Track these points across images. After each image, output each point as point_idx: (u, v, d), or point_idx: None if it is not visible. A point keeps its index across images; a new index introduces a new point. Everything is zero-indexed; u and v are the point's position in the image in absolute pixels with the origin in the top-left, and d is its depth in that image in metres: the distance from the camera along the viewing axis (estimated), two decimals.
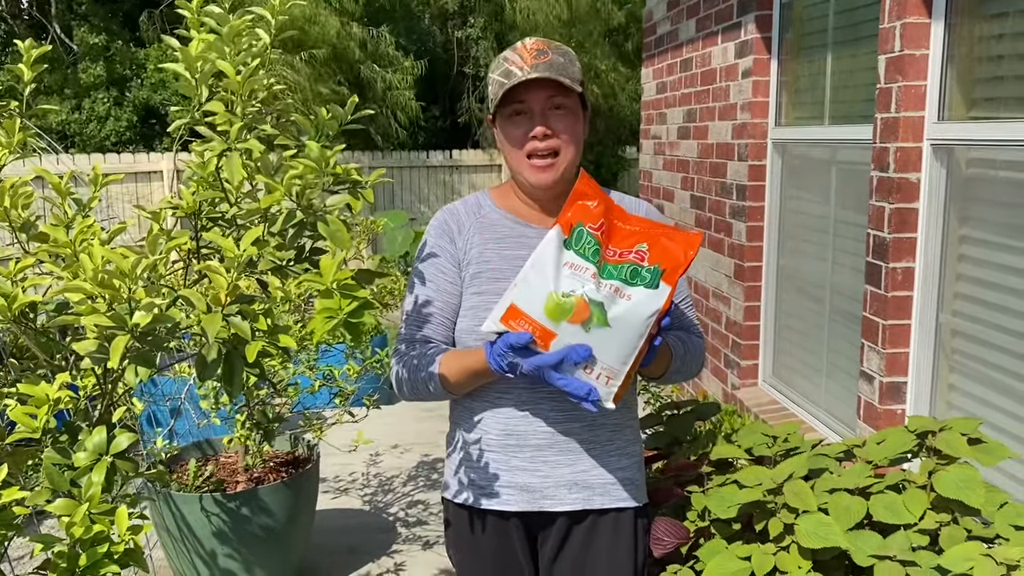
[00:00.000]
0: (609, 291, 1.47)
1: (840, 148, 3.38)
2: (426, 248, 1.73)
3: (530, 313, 1.48)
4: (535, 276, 1.50)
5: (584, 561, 1.72)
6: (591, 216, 1.53)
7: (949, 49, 2.64)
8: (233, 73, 1.45)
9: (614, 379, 1.49)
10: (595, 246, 1.50)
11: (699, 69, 4.58)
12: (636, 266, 1.49)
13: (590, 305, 1.46)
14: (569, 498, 1.70)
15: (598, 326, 1.46)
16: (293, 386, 3.28)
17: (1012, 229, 2.45)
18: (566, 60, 1.63)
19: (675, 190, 5.04)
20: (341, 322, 1.35)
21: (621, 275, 1.49)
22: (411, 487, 4.20)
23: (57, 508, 1.28)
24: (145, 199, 8.47)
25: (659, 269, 1.49)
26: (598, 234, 1.51)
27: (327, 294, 1.34)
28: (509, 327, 1.50)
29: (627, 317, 1.46)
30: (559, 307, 1.47)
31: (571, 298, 1.47)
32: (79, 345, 1.26)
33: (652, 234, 1.54)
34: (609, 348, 1.47)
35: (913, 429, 1.87)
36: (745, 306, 4.09)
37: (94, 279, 1.21)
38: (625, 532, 1.73)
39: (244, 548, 2.99)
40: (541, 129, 1.61)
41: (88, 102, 10.80)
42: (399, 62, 10.48)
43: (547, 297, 1.47)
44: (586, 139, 1.71)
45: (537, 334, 1.47)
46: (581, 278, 1.48)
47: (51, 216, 1.46)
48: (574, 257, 1.50)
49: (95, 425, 1.43)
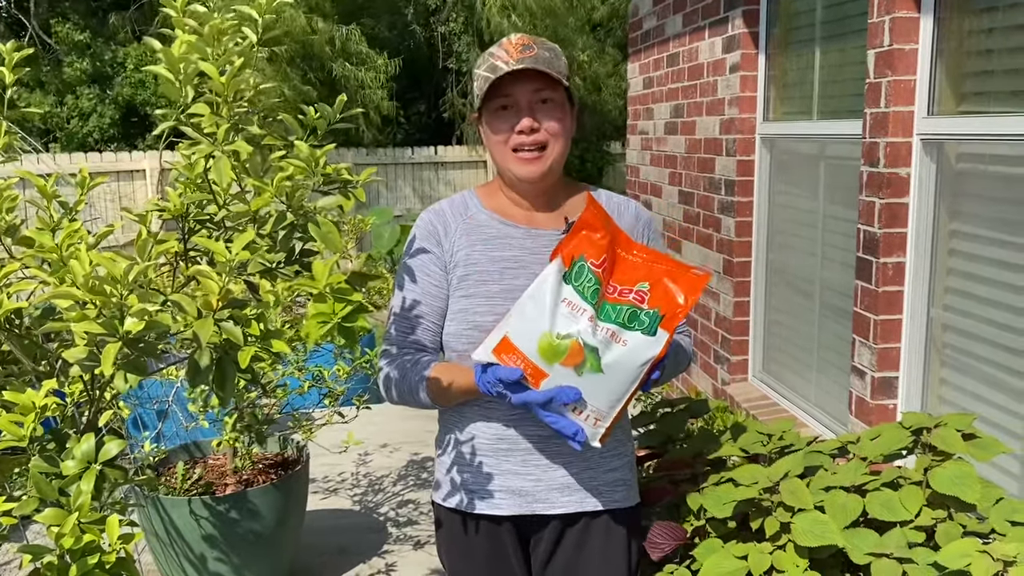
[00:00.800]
0: (605, 336, 1.45)
1: (829, 143, 3.38)
2: (412, 249, 1.70)
3: (523, 349, 1.45)
4: (532, 309, 1.47)
5: (577, 563, 1.71)
6: (595, 250, 1.49)
7: (938, 43, 2.64)
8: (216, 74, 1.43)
9: (602, 421, 1.47)
10: (595, 285, 1.47)
11: (686, 64, 4.57)
12: (635, 308, 1.46)
13: (584, 350, 1.43)
14: (562, 501, 1.68)
15: (591, 371, 1.44)
16: (282, 387, 3.25)
17: (1002, 224, 2.46)
18: (552, 55, 1.61)
19: (663, 185, 5.04)
20: (335, 326, 1.33)
21: (619, 317, 1.46)
22: (401, 486, 4.18)
23: (46, 518, 1.25)
24: (128, 198, 8.39)
25: (659, 314, 1.46)
26: (599, 271, 1.48)
27: (321, 298, 1.32)
28: (500, 360, 1.47)
29: (621, 363, 1.44)
30: (553, 348, 1.44)
31: (566, 341, 1.44)
32: (69, 353, 1.24)
33: (656, 271, 1.50)
34: (600, 393, 1.45)
35: (908, 425, 1.87)
36: (734, 302, 4.09)
37: (85, 285, 1.18)
38: (618, 533, 1.72)
39: (233, 551, 2.96)
40: (528, 122, 1.59)
41: (72, 98, 10.69)
42: (372, 60, 10.37)
43: (541, 336, 1.44)
44: (573, 135, 1.70)
45: (528, 371, 1.45)
46: (578, 319, 1.45)
47: (36, 219, 1.44)
48: (572, 294, 1.47)
49: (83, 432, 1.40)
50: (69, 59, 10.79)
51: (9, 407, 1.32)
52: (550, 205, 1.71)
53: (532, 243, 1.67)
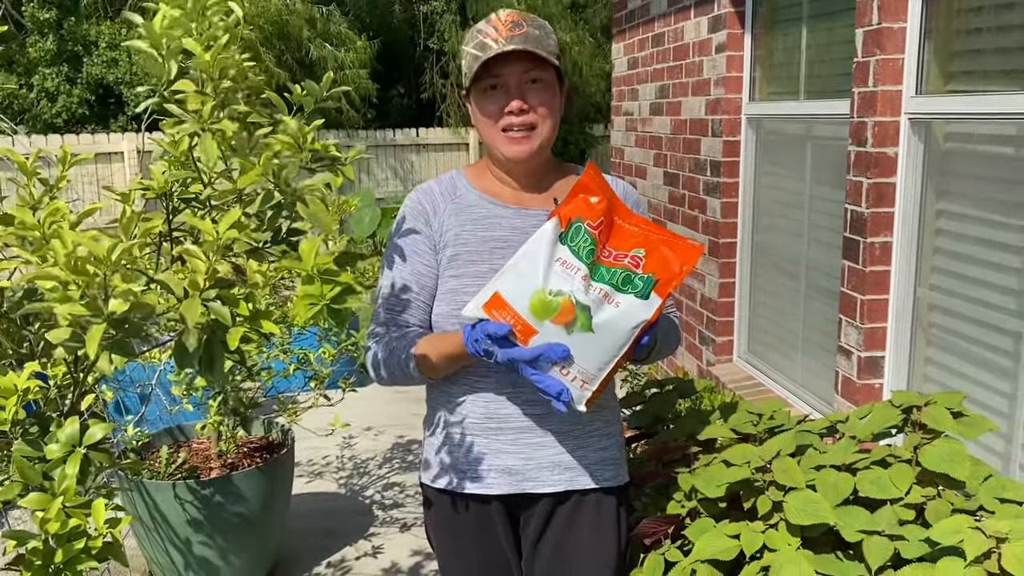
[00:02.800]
0: (598, 295, 1.44)
1: (816, 123, 3.38)
2: (401, 230, 1.69)
3: (514, 306, 1.44)
4: (525, 267, 1.46)
5: (567, 542, 1.71)
6: (592, 212, 1.48)
7: (927, 22, 2.63)
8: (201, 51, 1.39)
9: (589, 384, 1.46)
10: (591, 245, 1.46)
11: (671, 44, 4.54)
12: (630, 272, 1.46)
13: (576, 308, 1.42)
14: (552, 480, 1.68)
15: (581, 330, 1.42)
16: (267, 370, 3.22)
17: (989, 202, 2.46)
18: (542, 33, 1.59)
19: (647, 167, 5.02)
20: (323, 308, 1.30)
21: (613, 279, 1.46)
22: (386, 469, 4.16)
23: (30, 503, 1.22)
24: (106, 180, 8.28)
25: (653, 279, 1.45)
26: (596, 233, 1.47)
27: (309, 280, 1.29)
28: (491, 316, 1.45)
29: (612, 325, 1.43)
30: (545, 305, 1.43)
31: (558, 298, 1.43)
32: (52, 334, 1.21)
33: (652, 239, 1.50)
34: (589, 353, 1.44)
35: (898, 404, 1.87)
36: (720, 283, 4.09)
37: (67, 265, 1.15)
38: (608, 512, 1.72)
39: (219, 535, 2.94)
40: (517, 103, 1.57)
41: (38, 78, 10.48)
42: (352, 40, 10.25)
43: (534, 293, 1.44)
44: (563, 114, 1.68)
45: (518, 328, 1.44)
46: (571, 278, 1.44)
47: (16, 198, 1.40)
48: (567, 254, 1.46)
49: (67, 415, 1.37)
50: (32, 39, 10.57)
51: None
52: (539, 185, 1.70)
53: (521, 223, 1.65)
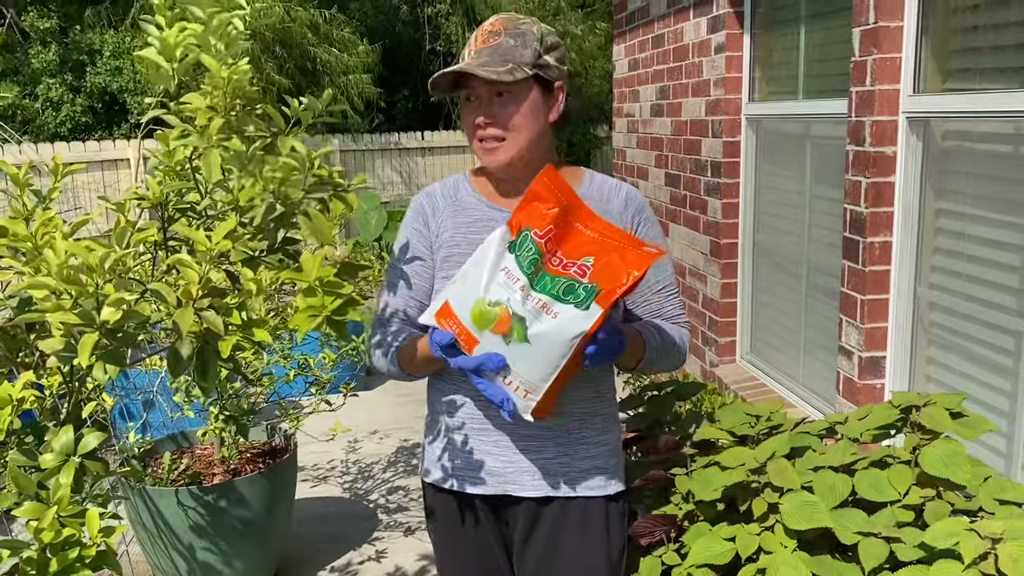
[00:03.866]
0: (535, 306, 1.43)
1: (815, 123, 3.37)
2: (404, 230, 1.74)
3: (459, 315, 1.46)
4: (471, 276, 1.47)
5: (552, 548, 1.71)
6: (541, 221, 1.47)
7: (923, 20, 2.63)
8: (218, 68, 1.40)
9: (532, 394, 1.45)
10: (534, 255, 1.45)
11: (671, 45, 4.54)
12: (574, 281, 1.43)
13: (512, 319, 1.42)
14: (532, 484, 1.68)
15: (518, 341, 1.42)
16: (268, 376, 3.23)
17: (988, 201, 2.45)
18: (517, 43, 1.59)
19: (649, 168, 5.02)
20: (325, 319, 1.31)
21: (556, 289, 1.44)
22: (391, 473, 4.17)
23: (24, 512, 1.23)
24: (112, 187, 8.31)
25: (596, 289, 1.42)
26: (542, 242, 1.46)
27: (311, 292, 1.30)
28: (440, 324, 1.48)
29: (549, 335, 1.42)
30: (483, 315, 1.44)
31: (496, 308, 1.43)
32: (45, 343, 1.22)
33: (607, 246, 1.47)
34: (528, 364, 1.43)
35: (897, 404, 1.87)
36: (722, 283, 4.08)
37: (59, 275, 1.16)
38: (595, 520, 1.71)
39: (223, 541, 2.95)
40: (482, 119, 1.61)
41: (42, 88, 10.53)
42: (355, 45, 10.26)
43: (475, 303, 1.45)
44: (558, 116, 1.66)
45: (461, 337, 1.46)
46: (511, 288, 1.44)
47: (9, 209, 1.41)
48: (512, 263, 1.46)
49: (63, 424, 1.38)
50: (35, 49, 10.62)
51: None
52: None
53: None
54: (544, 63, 1.61)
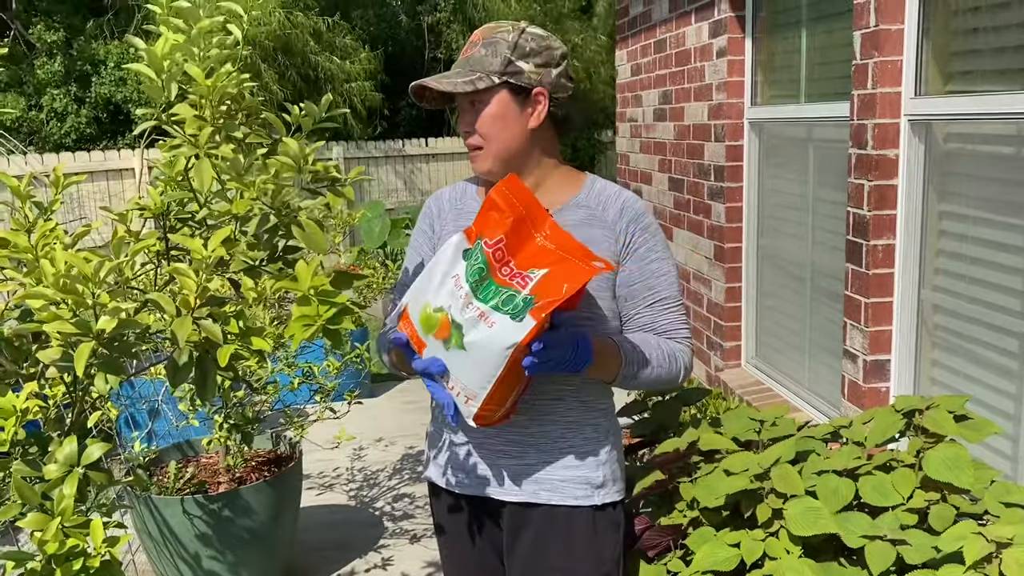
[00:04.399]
0: (474, 315, 1.43)
1: (817, 126, 3.37)
2: (415, 232, 1.81)
3: (412, 318, 1.51)
4: (425, 280, 1.50)
5: (535, 555, 1.70)
6: (494, 230, 1.47)
7: (924, 23, 2.62)
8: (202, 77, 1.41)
9: (473, 400, 1.47)
10: (480, 264, 1.46)
11: (673, 50, 4.54)
12: (514, 292, 1.43)
13: (451, 326, 1.45)
14: (514, 489, 1.69)
15: (455, 347, 1.45)
16: (272, 384, 3.23)
17: (991, 203, 2.45)
18: (488, 52, 1.59)
19: (653, 173, 5.02)
20: (320, 328, 1.31)
21: (498, 298, 1.44)
22: (396, 480, 4.17)
23: (29, 523, 1.24)
24: (118, 197, 8.34)
25: (532, 301, 1.41)
26: (490, 251, 1.46)
27: (305, 301, 1.30)
28: (399, 326, 1.54)
29: (483, 344, 1.42)
30: (428, 320, 1.48)
31: (439, 314, 1.47)
32: (43, 353, 1.22)
33: (558, 258, 1.46)
34: (466, 370, 1.46)
35: (900, 408, 1.86)
36: (726, 287, 4.08)
37: (56, 284, 1.17)
38: (579, 531, 1.68)
39: (228, 549, 2.95)
40: (462, 127, 1.67)
41: (47, 99, 10.58)
42: (357, 52, 10.29)
43: (423, 307, 1.49)
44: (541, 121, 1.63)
45: (413, 340, 1.51)
46: (455, 296, 1.46)
47: (11, 221, 1.42)
48: (462, 271, 1.48)
49: (67, 434, 1.39)
50: (40, 60, 10.67)
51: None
52: (540, 194, 1.70)
53: None
54: (515, 70, 1.59)
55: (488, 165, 1.65)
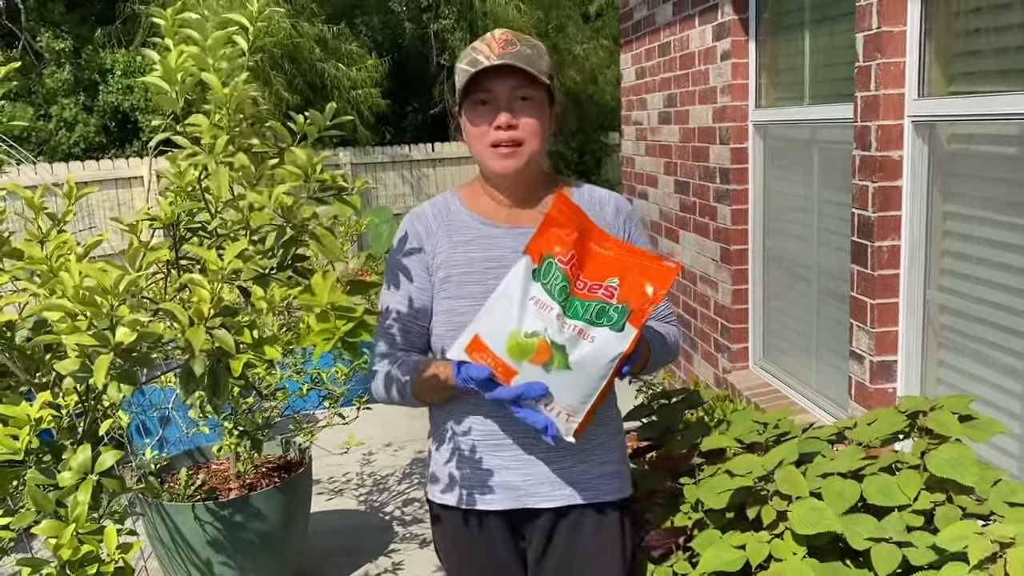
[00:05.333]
0: (572, 333, 1.45)
1: (821, 128, 3.38)
2: (397, 253, 1.73)
3: (492, 348, 1.47)
4: (501, 307, 1.48)
5: (570, 556, 1.72)
6: (562, 247, 1.49)
7: (926, 24, 2.63)
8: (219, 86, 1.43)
9: (574, 416, 1.48)
10: (563, 282, 1.47)
11: (677, 53, 4.56)
12: (604, 304, 1.46)
13: (552, 348, 1.44)
14: (552, 495, 1.69)
15: (559, 369, 1.44)
16: (282, 390, 3.25)
17: (996, 203, 2.45)
18: (534, 53, 1.61)
19: (658, 175, 5.03)
20: (338, 340, 1.33)
21: (588, 313, 1.46)
22: (406, 485, 4.19)
23: (43, 530, 1.26)
24: (127, 205, 8.39)
25: (627, 309, 1.45)
26: (567, 268, 1.48)
27: (323, 316, 1.32)
28: (472, 358, 1.48)
29: (589, 360, 1.44)
30: (521, 347, 1.45)
31: (533, 339, 1.45)
32: (61, 365, 1.24)
33: (626, 264, 1.49)
34: (569, 389, 1.46)
35: (904, 409, 1.87)
36: (733, 289, 4.09)
37: (75, 297, 1.19)
38: (611, 526, 1.72)
39: (239, 555, 2.97)
40: (505, 118, 1.59)
41: (56, 108, 10.64)
42: (363, 59, 10.33)
43: (510, 336, 1.46)
44: (554, 131, 1.70)
45: (498, 370, 1.47)
46: (545, 317, 1.45)
47: (25, 232, 1.44)
48: (540, 292, 1.47)
49: (80, 442, 1.41)
50: (49, 69, 10.74)
51: (4, 420, 1.32)
52: (529, 201, 1.72)
53: (513, 243, 1.67)
54: (552, 76, 1.64)
55: (522, 162, 1.63)
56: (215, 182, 1.41)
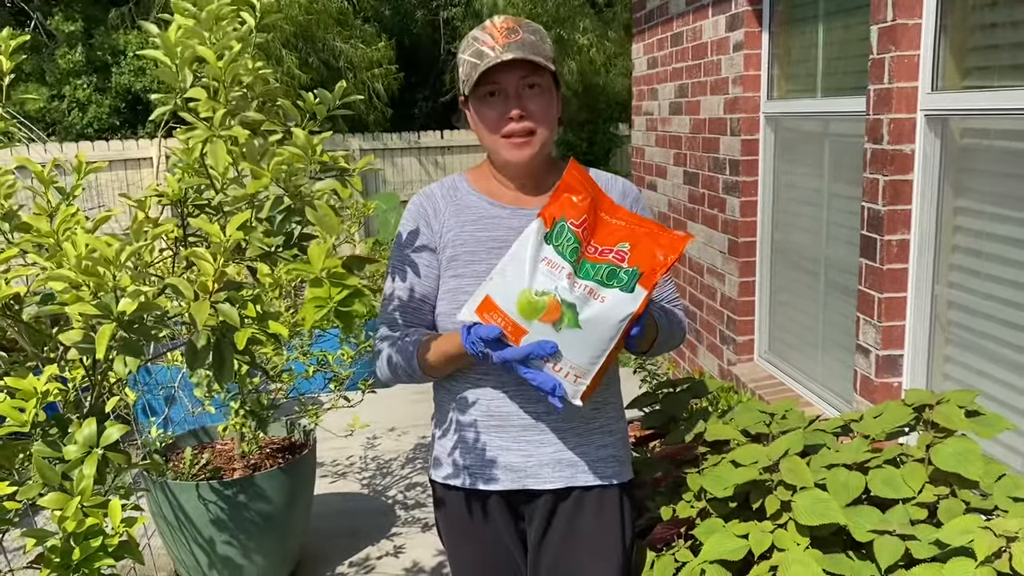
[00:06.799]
0: (583, 292, 1.46)
1: (833, 120, 3.36)
2: (404, 232, 1.73)
3: (503, 308, 1.48)
4: (512, 270, 1.49)
5: (570, 538, 1.72)
6: (575, 211, 1.51)
7: (942, 18, 2.61)
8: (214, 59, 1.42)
9: (583, 378, 1.49)
10: (574, 244, 1.49)
11: (690, 43, 4.54)
12: (614, 267, 1.48)
13: (562, 306, 1.45)
14: (553, 476, 1.70)
15: (569, 327, 1.45)
16: (287, 372, 3.26)
17: (1007, 199, 2.44)
18: (537, 38, 1.61)
19: (668, 166, 5.02)
20: (331, 310, 1.33)
21: (598, 275, 1.48)
22: (409, 469, 4.19)
23: (49, 502, 1.26)
24: (136, 186, 8.40)
25: (637, 272, 1.47)
26: (579, 231, 1.49)
27: (317, 283, 1.32)
28: (482, 319, 1.50)
29: (599, 320, 1.45)
30: (531, 305, 1.46)
31: (544, 297, 1.46)
32: (65, 335, 1.24)
33: (637, 232, 1.51)
34: (579, 348, 1.46)
35: (910, 403, 1.87)
36: (740, 282, 4.08)
37: (78, 267, 1.19)
38: (610, 508, 1.73)
39: (242, 535, 2.98)
40: (517, 111, 1.61)
41: (69, 89, 10.65)
42: (376, 42, 10.32)
43: (520, 294, 1.47)
44: (560, 116, 1.69)
45: (508, 329, 1.48)
46: (556, 277, 1.47)
47: (34, 206, 1.44)
48: (552, 253, 1.49)
49: (86, 417, 1.41)
50: (61, 50, 10.75)
51: (12, 392, 1.32)
52: (538, 186, 1.73)
53: (518, 223, 1.67)
54: (554, 60, 1.64)
55: (536, 150, 1.64)
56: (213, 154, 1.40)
